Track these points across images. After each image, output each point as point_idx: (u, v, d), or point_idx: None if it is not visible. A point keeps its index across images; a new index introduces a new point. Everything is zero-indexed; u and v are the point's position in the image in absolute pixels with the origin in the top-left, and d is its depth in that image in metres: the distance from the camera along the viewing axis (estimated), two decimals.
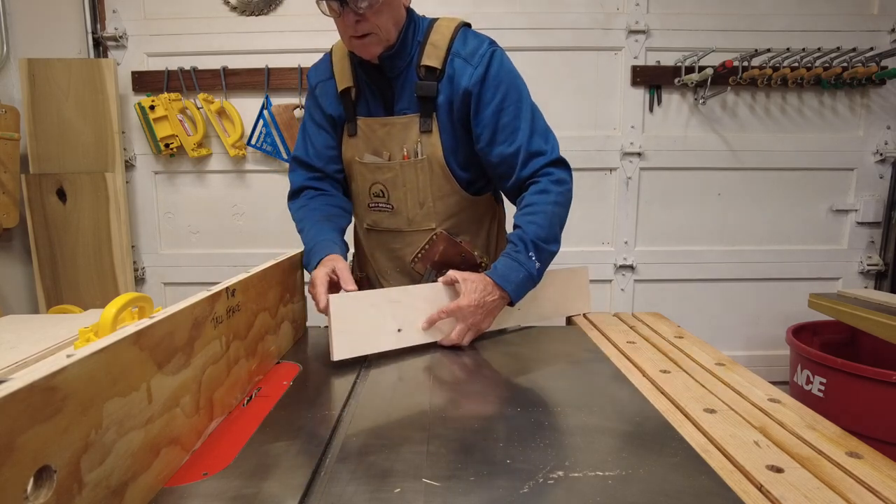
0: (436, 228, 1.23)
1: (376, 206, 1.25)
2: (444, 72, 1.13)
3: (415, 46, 1.14)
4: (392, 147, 1.19)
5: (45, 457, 0.42)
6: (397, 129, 1.18)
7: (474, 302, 1.03)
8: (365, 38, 1.07)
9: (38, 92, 2.07)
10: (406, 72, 1.15)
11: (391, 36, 1.09)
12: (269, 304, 0.94)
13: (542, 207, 1.11)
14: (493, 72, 1.11)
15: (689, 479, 0.60)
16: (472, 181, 1.23)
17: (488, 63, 1.11)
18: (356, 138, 1.22)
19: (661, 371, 0.97)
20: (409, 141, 1.18)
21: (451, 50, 1.13)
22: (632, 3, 2.20)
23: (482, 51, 1.12)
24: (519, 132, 1.13)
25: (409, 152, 1.18)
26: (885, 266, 2.34)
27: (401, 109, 1.18)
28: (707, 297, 2.39)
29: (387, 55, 1.11)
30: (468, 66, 1.11)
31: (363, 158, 1.22)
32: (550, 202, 1.12)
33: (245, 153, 2.26)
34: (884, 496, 0.58)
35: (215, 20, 2.20)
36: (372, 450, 0.66)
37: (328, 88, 1.24)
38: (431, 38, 1.14)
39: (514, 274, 1.08)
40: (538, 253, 1.10)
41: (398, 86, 1.17)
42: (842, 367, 1.68)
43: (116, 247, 2.16)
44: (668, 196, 2.33)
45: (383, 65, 1.13)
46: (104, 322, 0.82)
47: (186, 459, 0.64)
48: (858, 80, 2.16)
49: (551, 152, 1.15)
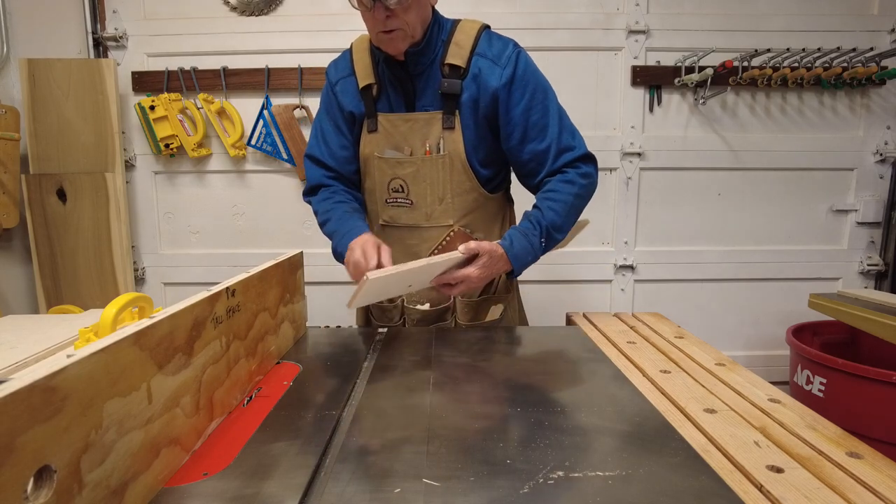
0: (453, 225, 1.24)
1: (394, 201, 1.25)
2: (469, 70, 1.17)
3: (439, 45, 1.18)
4: (414, 142, 1.21)
5: (45, 457, 0.42)
6: (420, 124, 1.20)
7: (484, 275, 1.08)
8: (392, 34, 1.10)
9: (38, 92, 2.07)
10: (430, 69, 1.18)
11: (417, 33, 1.13)
12: (269, 305, 0.94)
13: (564, 197, 1.17)
14: (520, 72, 1.17)
15: (689, 479, 0.60)
16: (490, 178, 1.26)
17: (515, 64, 1.16)
18: (376, 134, 1.24)
19: (662, 371, 0.97)
20: (431, 137, 1.20)
21: (476, 50, 1.17)
22: (632, 3, 2.20)
23: (508, 52, 1.17)
24: (549, 129, 1.18)
25: (430, 148, 1.21)
26: (885, 266, 2.34)
27: (422, 106, 1.21)
28: (707, 297, 2.39)
29: (412, 51, 1.14)
30: (496, 66, 1.16)
31: (383, 153, 1.24)
32: (573, 193, 1.18)
33: (245, 153, 2.26)
34: (884, 496, 0.58)
35: (215, 20, 2.20)
36: (372, 450, 0.66)
37: (348, 85, 1.25)
38: (455, 37, 1.18)
39: (526, 256, 1.14)
40: (548, 239, 1.17)
41: (421, 83, 1.19)
42: (842, 367, 1.68)
43: (116, 247, 2.16)
44: (668, 196, 2.33)
45: (408, 61, 1.16)
46: (104, 322, 0.82)
47: (186, 459, 0.64)
48: (858, 80, 2.16)
49: (580, 147, 1.21)
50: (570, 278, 2.37)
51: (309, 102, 2.20)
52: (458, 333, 1.18)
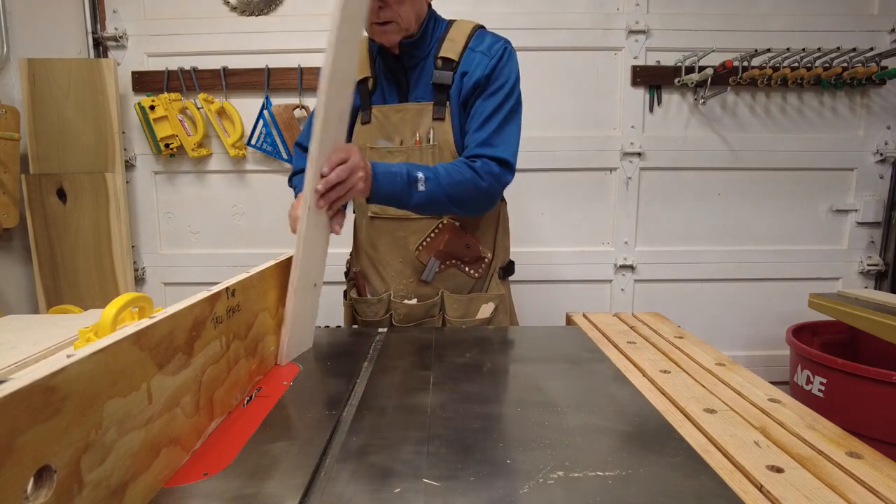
0: (442, 217, 1.25)
1: None
2: (460, 64, 1.19)
3: (434, 39, 1.21)
4: (405, 132, 1.23)
5: (45, 457, 0.41)
6: (411, 114, 1.22)
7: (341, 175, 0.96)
8: (386, 26, 1.12)
9: (38, 92, 2.07)
10: (424, 63, 1.21)
11: (411, 26, 1.15)
12: (269, 305, 0.94)
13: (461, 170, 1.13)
14: (501, 65, 1.19)
15: (689, 479, 0.60)
16: None
17: (500, 57, 1.19)
18: (369, 126, 1.26)
19: (662, 371, 0.97)
20: (421, 127, 1.22)
21: (469, 46, 1.20)
22: (632, 3, 2.20)
23: (498, 45, 1.20)
24: (490, 123, 1.18)
25: (421, 138, 1.22)
26: (885, 266, 2.34)
27: (415, 98, 1.23)
28: (707, 297, 2.39)
29: (407, 43, 1.17)
30: (485, 57, 1.19)
31: (375, 143, 1.25)
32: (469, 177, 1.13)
33: (245, 153, 2.26)
34: (884, 496, 0.58)
35: (215, 20, 2.20)
36: (372, 450, 0.66)
37: None
38: (451, 34, 1.22)
39: (390, 166, 1.07)
40: (428, 178, 1.09)
41: (414, 76, 1.22)
42: (842, 367, 1.68)
43: (116, 247, 2.16)
44: (668, 196, 2.33)
45: (402, 54, 1.19)
46: (104, 322, 0.82)
47: (186, 459, 0.64)
48: (858, 80, 2.16)
49: (502, 153, 1.17)
50: (570, 278, 2.36)
51: (309, 102, 2.20)
52: (457, 333, 1.17)
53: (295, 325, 0.97)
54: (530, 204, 2.32)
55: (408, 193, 1.09)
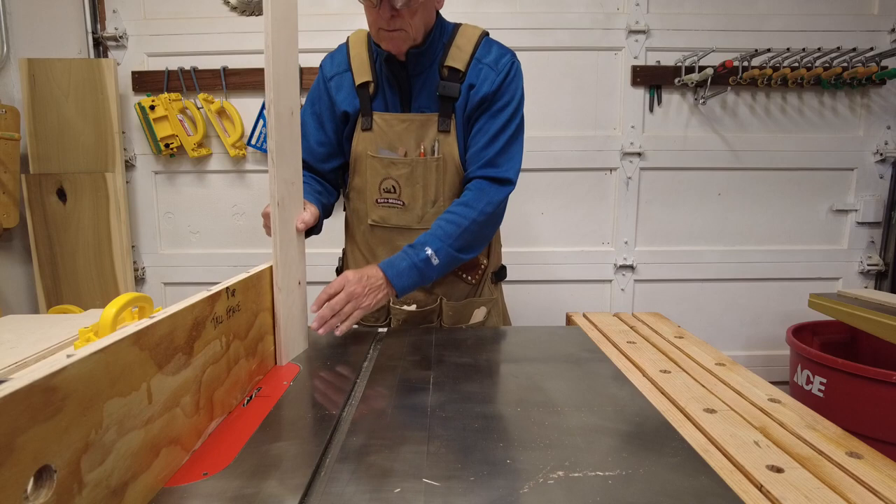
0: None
1: (385, 201, 1.25)
2: (467, 75, 1.17)
3: (440, 47, 1.18)
4: (409, 143, 1.21)
5: (45, 457, 0.41)
6: (416, 125, 1.20)
7: (356, 275, 1.06)
8: (395, 33, 1.10)
9: (38, 92, 2.07)
10: (428, 71, 1.19)
11: (419, 35, 1.13)
12: (270, 305, 0.94)
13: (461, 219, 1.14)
14: (508, 81, 1.18)
15: (689, 479, 0.60)
16: None
17: (507, 72, 1.18)
18: (370, 133, 1.23)
19: (662, 371, 0.97)
20: (426, 139, 1.20)
21: (475, 56, 1.18)
22: (632, 3, 2.20)
23: (505, 60, 1.18)
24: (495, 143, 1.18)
25: (425, 150, 1.21)
26: (885, 266, 2.34)
27: (418, 107, 1.21)
28: (707, 297, 2.39)
29: (414, 52, 1.14)
30: (492, 71, 1.17)
31: (377, 152, 1.23)
32: (469, 222, 1.14)
33: (245, 153, 2.26)
34: (884, 496, 0.58)
35: (215, 20, 2.20)
36: (372, 450, 0.66)
37: (343, 82, 1.24)
38: (457, 41, 1.19)
39: (399, 261, 1.10)
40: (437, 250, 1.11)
41: (418, 83, 1.20)
42: (842, 367, 1.68)
43: (116, 247, 2.16)
44: (668, 196, 2.33)
45: (408, 61, 1.16)
46: (104, 322, 0.82)
47: (186, 459, 0.64)
48: (858, 80, 2.16)
49: (505, 173, 1.18)
50: (570, 278, 2.37)
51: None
52: (457, 334, 1.18)
53: (287, 325, 0.97)
54: (530, 204, 2.32)
55: (428, 276, 1.11)
